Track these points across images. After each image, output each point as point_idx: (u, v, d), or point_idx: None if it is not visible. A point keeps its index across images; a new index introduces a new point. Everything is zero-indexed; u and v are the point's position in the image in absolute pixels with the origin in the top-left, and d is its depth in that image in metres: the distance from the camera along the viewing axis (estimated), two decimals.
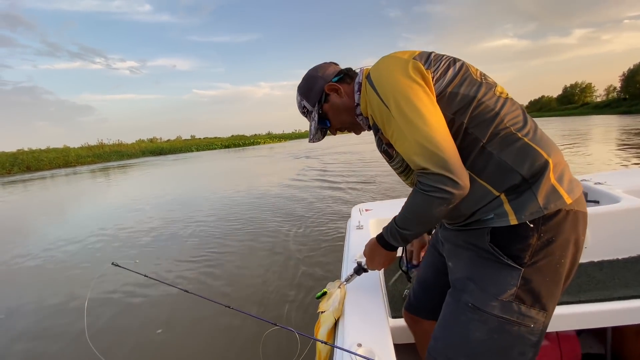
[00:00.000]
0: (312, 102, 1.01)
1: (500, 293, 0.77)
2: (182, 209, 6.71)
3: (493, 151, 0.78)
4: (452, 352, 0.82)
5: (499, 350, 0.78)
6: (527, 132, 0.79)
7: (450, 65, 0.84)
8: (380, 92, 0.81)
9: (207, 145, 41.68)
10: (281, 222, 5.06)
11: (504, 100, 0.82)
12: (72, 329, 2.74)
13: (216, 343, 2.43)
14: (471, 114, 0.79)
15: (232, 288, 3.23)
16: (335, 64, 1.04)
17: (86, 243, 4.99)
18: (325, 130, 1.06)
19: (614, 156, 8.91)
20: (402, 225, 0.86)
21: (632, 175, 2.20)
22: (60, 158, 26.69)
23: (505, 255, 0.77)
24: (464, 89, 0.81)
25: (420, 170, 0.76)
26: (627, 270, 1.42)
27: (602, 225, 0.94)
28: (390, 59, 0.85)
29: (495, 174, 0.78)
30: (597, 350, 1.50)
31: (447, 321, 0.87)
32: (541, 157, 0.76)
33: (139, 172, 16.65)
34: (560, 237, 0.76)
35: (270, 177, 10.53)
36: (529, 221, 0.74)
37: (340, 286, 0.99)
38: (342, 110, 0.99)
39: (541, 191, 0.74)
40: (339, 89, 0.98)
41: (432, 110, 0.77)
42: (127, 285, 3.41)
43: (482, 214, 0.80)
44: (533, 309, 0.77)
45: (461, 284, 0.85)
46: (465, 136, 0.80)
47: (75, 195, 10.90)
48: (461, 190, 0.74)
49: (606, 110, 55.86)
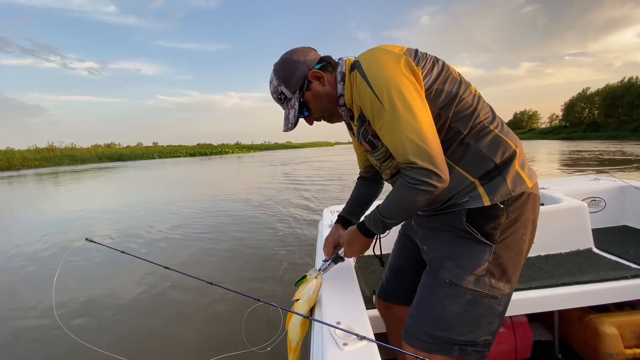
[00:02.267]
0: (292, 89, 0.95)
1: (474, 268, 0.85)
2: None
3: (471, 142, 0.87)
4: (431, 327, 0.87)
5: (471, 321, 0.86)
6: (497, 125, 0.89)
7: (434, 63, 0.88)
8: (374, 84, 0.82)
9: (171, 153, 40.05)
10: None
11: (478, 97, 0.91)
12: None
13: (195, 319, 2.47)
14: (454, 109, 0.86)
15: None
16: (314, 50, 0.99)
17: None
18: (299, 119, 1.02)
19: (555, 170, 10.56)
20: (385, 215, 0.90)
21: (570, 182, 2.52)
22: (3, 160, 24.26)
23: (480, 233, 0.86)
24: (448, 86, 0.87)
25: (408, 164, 0.80)
26: (569, 262, 1.61)
27: (547, 224, 1.08)
28: (383, 52, 0.85)
29: (472, 163, 0.86)
30: (546, 338, 1.66)
31: (425, 299, 0.92)
32: (510, 147, 0.87)
33: (92, 178, 15.56)
34: (523, 216, 0.87)
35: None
36: (500, 202, 0.84)
37: (317, 276, 1.00)
38: (325, 100, 0.96)
39: (509, 176, 0.85)
40: (322, 76, 0.95)
41: (422, 107, 0.81)
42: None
43: (457, 198, 0.88)
44: (501, 281, 0.86)
45: (438, 263, 0.92)
46: (448, 130, 0.87)
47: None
48: (443, 184, 0.80)
49: (549, 136, 61.72)
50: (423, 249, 1.02)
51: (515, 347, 1.51)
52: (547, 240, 1.67)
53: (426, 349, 0.87)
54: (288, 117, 0.99)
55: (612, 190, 2.22)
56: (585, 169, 10.59)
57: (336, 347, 0.73)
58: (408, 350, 0.89)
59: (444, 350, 0.86)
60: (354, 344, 0.73)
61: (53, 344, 2.27)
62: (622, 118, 53.11)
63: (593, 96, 63.68)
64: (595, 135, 50.01)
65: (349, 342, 0.74)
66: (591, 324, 1.44)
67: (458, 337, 0.85)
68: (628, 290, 1.37)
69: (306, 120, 1.02)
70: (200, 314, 2.56)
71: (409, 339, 0.91)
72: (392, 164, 0.97)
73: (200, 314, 2.57)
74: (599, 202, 2.21)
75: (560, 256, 1.68)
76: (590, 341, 1.44)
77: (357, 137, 1.02)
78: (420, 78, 0.83)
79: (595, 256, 1.65)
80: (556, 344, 1.57)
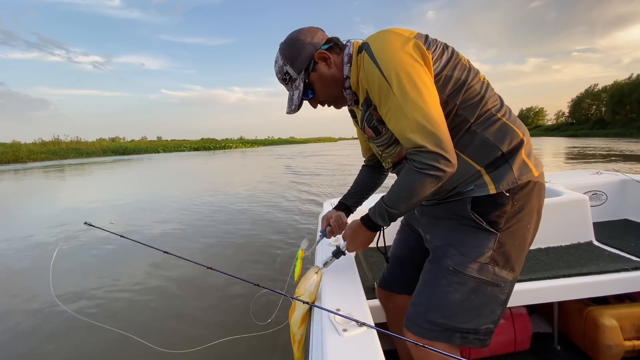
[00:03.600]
0: (298, 69, 0.92)
1: (478, 256, 0.85)
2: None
3: (478, 130, 0.85)
4: (433, 314, 0.87)
5: (474, 309, 0.86)
6: (505, 113, 0.89)
7: (444, 49, 0.87)
8: (383, 66, 0.79)
9: (175, 147, 40.16)
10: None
11: (486, 85, 0.89)
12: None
13: (194, 303, 2.54)
14: (462, 96, 0.85)
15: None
16: (322, 30, 0.96)
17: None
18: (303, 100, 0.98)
19: (560, 165, 10.72)
20: (391, 205, 0.87)
21: (572, 175, 2.51)
22: (9, 153, 24.49)
23: (485, 221, 0.86)
24: (457, 73, 0.85)
25: (417, 148, 0.78)
26: (570, 254, 1.61)
27: (548, 216, 1.07)
28: (393, 34, 0.83)
29: (479, 150, 0.86)
30: (546, 330, 1.66)
31: (428, 286, 0.92)
32: (517, 136, 0.87)
33: (101, 171, 15.70)
34: (528, 205, 0.87)
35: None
36: (505, 190, 0.84)
37: (318, 271, 0.97)
38: (330, 82, 0.93)
39: (516, 164, 0.85)
40: (328, 58, 0.92)
41: (432, 91, 0.79)
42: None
43: (463, 186, 0.87)
44: (504, 269, 0.87)
45: (441, 250, 0.91)
46: (455, 117, 0.86)
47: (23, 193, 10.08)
48: (452, 169, 0.79)
49: (556, 133, 61.06)
50: (426, 237, 1.02)
51: (514, 339, 1.53)
52: (547, 232, 1.67)
53: (428, 336, 0.87)
54: (292, 98, 0.96)
55: (614, 184, 2.21)
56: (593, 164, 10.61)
57: (335, 333, 0.74)
58: (409, 337, 0.90)
59: (445, 337, 0.86)
60: (354, 330, 0.73)
61: (53, 321, 2.34)
62: (629, 115, 52.44)
63: (600, 93, 62.86)
64: (602, 132, 49.46)
65: (348, 328, 0.74)
66: (591, 316, 1.44)
67: (460, 324, 0.86)
68: (628, 282, 1.37)
69: (310, 102, 0.99)
70: (199, 299, 2.62)
71: (411, 326, 0.91)
72: (395, 151, 0.96)
73: (199, 298, 2.63)
74: (601, 196, 2.20)
75: (561, 249, 1.68)
76: (589, 333, 1.45)
77: (361, 122, 0.99)
78: (430, 62, 0.81)
79: (595, 249, 1.65)
80: (555, 336, 1.57)
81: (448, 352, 0.84)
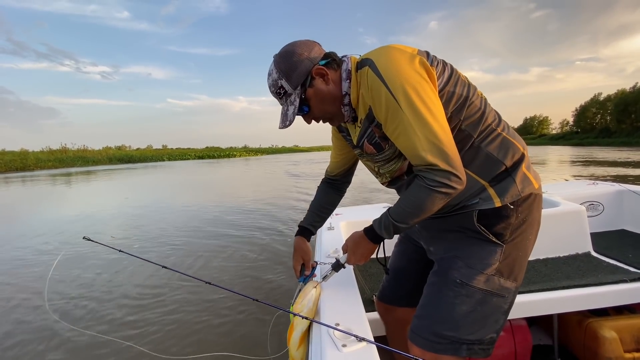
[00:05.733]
0: (294, 84, 0.89)
1: (485, 268, 0.86)
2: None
3: (481, 145, 0.87)
4: (439, 327, 0.87)
5: (479, 320, 0.87)
6: (504, 128, 0.90)
7: (444, 65, 0.87)
8: (390, 83, 0.78)
9: (180, 156, 40.49)
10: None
11: (485, 100, 0.91)
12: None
13: (190, 316, 2.52)
14: (465, 112, 0.85)
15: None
16: (319, 44, 0.93)
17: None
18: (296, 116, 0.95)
19: (561, 175, 10.61)
20: (399, 219, 0.87)
21: (568, 186, 2.52)
22: (18, 161, 24.86)
23: (491, 234, 0.87)
24: (459, 89, 0.85)
25: (428, 166, 0.78)
26: (568, 265, 1.61)
27: (546, 227, 1.08)
28: (397, 51, 0.82)
29: (483, 166, 0.87)
30: (546, 342, 1.66)
31: (433, 299, 0.91)
32: (519, 150, 0.89)
33: (108, 179, 15.86)
34: (530, 216, 0.89)
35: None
36: (510, 203, 0.86)
37: (316, 286, 0.95)
38: (328, 99, 0.91)
39: (518, 177, 0.87)
40: (326, 74, 0.89)
41: (440, 108, 0.79)
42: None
43: (467, 200, 0.88)
44: (509, 280, 0.88)
45: (447, 262, 0.91)
46: (459, 132, 0.86)
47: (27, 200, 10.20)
48: (462, 186, 0.79)
49: (561, 142, 60.68)
50: (430, 250, 1.02)
51: (514, 351, 1.52)
52: (545, 243, 1.68)
53: (434, 349, 0.86)
54: (286, 113, 0.93)
55: (610, 194, 2.22)
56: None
57: (335, 349, 0.73)
58: (414, 350, 0.89)
59: (452, 350, 0.86)
60: (353, 346, 0.73)
61: (48, 333, 2.36)
62: (635, 124, 52.05)
63: (605, 102, 62.60)
64: (607, 141, 49.04)
65: (347, 343, 0.74)
66: (590, 328, 1.44)
67: (466, 336, 0.86)
68: (627, 294, 1.37)
69: (304, 118, 0.96)
70: (198, 312, 2.61)
71: (416, 339, 0.90)
72: (395, 167, 0.95)
73: (198, 311, 2.62)
74: (597, 206, 2.21)
75: (559, 260, 1.68)
76: (589, 345, 1.44)
77: (359, 139, 0.97)
78: (435, 78, 0.82)
79: (593, 260, 1.65)
80: (555, 348, 1.56)
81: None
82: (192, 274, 1.05)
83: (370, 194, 7.46)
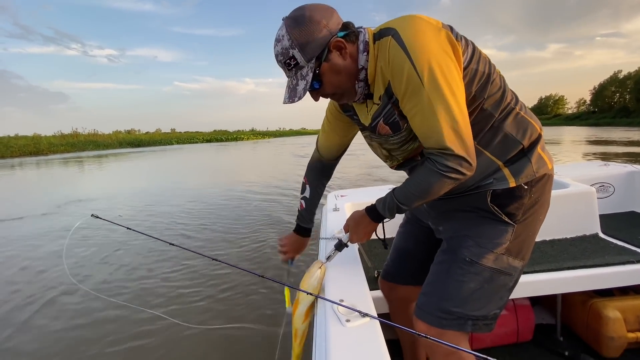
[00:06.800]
0: (308, 57, 0.80)
1: (495, 247, 0.87)
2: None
3: (501, 125, 0.84)
4: (446, 303, 0.88)
5: (486, 297, 0.89)
6: (521, 107, 0.89)
7: (466, 41, 0.82)
8: (415, 58, 0.72)
9: (188, 139, 40.69)
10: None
11: (503, 78, 0.88)
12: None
13: (196, 289, 2.64)
14: (488, 91, 0.82)
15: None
16: (337, 12, 0.83)
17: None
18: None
19: (573, 156, 10.46)
20: (404, 202, 0.87)
21: (579, 167, 2.46)
22: (31, 145, 25.32)
23: (503, 214, 0.87)
24: (481, 67, 0.81)
25: (442, 149, 0.75)
26: (575, 247, 1.60)
27: (554, 208, 1.05)
28: (423, 22, 0.76)
29: (501, 146, 0.85)
30: (548, 321, 1.67)
31: (441, 276, 0.92)
32: (536, 130, 0.88)
33: (129, 162, 16.16)
34: (542, 197, 0.89)
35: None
36: (524, 183, 0.85)
37: (321, 266, 0.97)
38: (343, 74, 0.83)
39: (534, 158, 0.86)
40: (344, 47, 0.81)
41: (462, 90, 0.76)
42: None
43: (482, 181, 0.87)
44: (517, 259, 0.89)
45: (457, 241, 0.92)
46: (480, 112, 0.83)
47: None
48: (472, 172, 0.79)
49: (576, 122, 58.85)
50: (438, 229, 1.02)
51: (517, 330, 1.54)
52: (553, 225, 1.66)
53: (440, 325, 0.88)
54: (295, 88, 0.84)
55: (622, 175, 2.17)
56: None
57: (339, 323, 0.75)
58: (419, 326, 0.91)
59: (458, 325, 0.87)
60: (357, 321, 0.75)
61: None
62: None
63: (625, 80, 59.96)
64: (625, 121, 47.33)
65: (351, 318, 0.76)
66: (594, 308, 1.45)
67: (472, 312, 0.88)
68: (633, 275, 1.37)
69: (313, 94, 0.87)
70: (205, 287, 2.71)
71: (422, 315, 0.91)
72: (411, 148, 0.89)
73: (206, 287, 2.72)
74: (608, 188, 2.16)
75: (566, 241, 1.67)
76: (592, 324, 1.45)
77: (372, 119, 0.90)
78: (460, 56, 0.77)
79: (601, 241, 1.64)
80: (558, 327, 1.58)
81: (457, 340, 0.87)
82: (200, 251, 1.07)
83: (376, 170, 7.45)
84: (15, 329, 2.27)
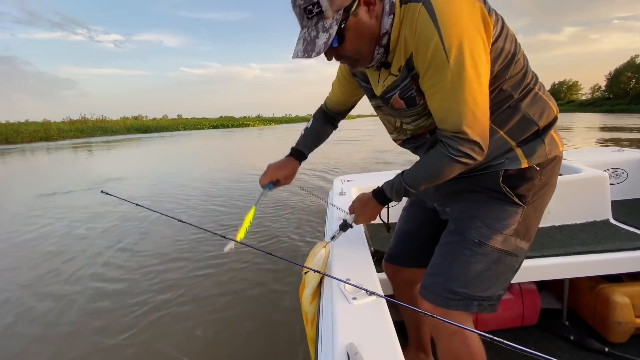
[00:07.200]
0: (336, 5, 0.70)
1: (504, 228, 0.86)
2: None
3: (519, 105, 0.82)
4: (453, 284, 0.88)
5: (492, 278, 0.89)
6: (540, 87, 0.86)
7: (497, 16, 0.76)
8: (445, 32, 0.67)
9: (195, 125, 40.75)
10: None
11: (527, 59, 0.84)
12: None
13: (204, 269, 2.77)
14: (510, 71, 0.79)
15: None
16: None
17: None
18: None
19: (583, 142, 10.49)
20: (411, 184, 0.87)
21: (592, 153, 2.41)
22: (41, 131, 25.67)
23: (515, 195, 0.86)
24: (508, 45, 0.77)
25: (457, 132, 0.74)
26: (585, 232, 1.58)
27: (564, 193, 1.03)
28: None
29: (517, 126, 0.83)
30: (555, 306, 1.67)
31: (448, 257, 0.92)
32: (553, 112, 0.86)
33: (138, 148, 16.35)
34: (552, 179, 0.88)
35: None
36: (536, 165, 0.84)
37: (325, 246, 0.97)
38: (366, 35, 0.75)
39: (547, 139, 0.85)
40: (374, 3, 0.73)
41: (487, 72, 0.72)
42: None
43: (493, 160, 0.86)
44: (524, 240, 0.89)
45: (465, 222, 0.91)
46: (500, 92, 0.80)
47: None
48: (483, 157, 0.78)
49: (590, 109, 57.20)
50: (445, 210, 1.01)
51: (522, 314, 1.55)
52: (562, 210, 1.64)
53: (445, 305, 0.88)
54: (314, 41, 0.73)
55: (636, 161, 2.11)
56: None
57: (345, 301, 0.76)
58: (424, 306, 0.91)
59: (464, 306, 0.88)
60: (363, 299, 0.76)
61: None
62: None
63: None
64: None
65: (358, 296, 0.76)
66: (602, 293, 1.44)
67: (478, 293, 0.88)
68: None
69: (327, 53, 0.77)
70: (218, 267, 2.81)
71: (428, 295, 0.92)
72: (425, 124, 0.86)
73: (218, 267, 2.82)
74: (621, 174, 2.11)
75: (575, 227, 1.65)
76: (600, 310, 1.45)
77: (387, 91, 0.85)
78: (490, 32, 0.72)
79: (612, 227, 1.61)
80: (564, 312, 1.58)
81: (462, 320, 0.87)
82: (207, 228, 1.08)
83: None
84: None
